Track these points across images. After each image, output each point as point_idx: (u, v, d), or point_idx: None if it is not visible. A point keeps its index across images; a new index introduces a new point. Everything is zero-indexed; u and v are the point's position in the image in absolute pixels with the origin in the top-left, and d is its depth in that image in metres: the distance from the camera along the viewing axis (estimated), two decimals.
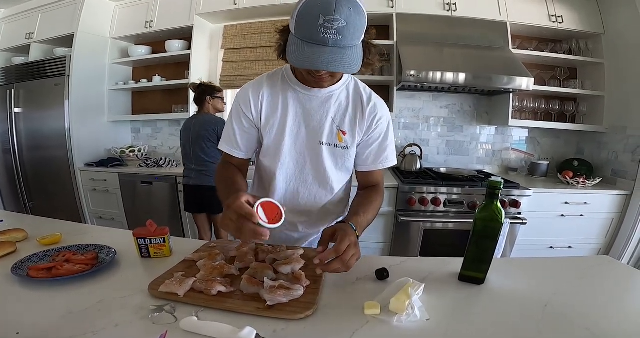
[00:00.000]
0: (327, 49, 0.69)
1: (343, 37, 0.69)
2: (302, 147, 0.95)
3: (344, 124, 0.94)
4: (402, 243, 2.26)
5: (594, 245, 2.35)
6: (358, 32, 0.71)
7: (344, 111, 0.94)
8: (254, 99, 0.93)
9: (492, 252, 0.76)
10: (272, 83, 0.95)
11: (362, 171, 1.02)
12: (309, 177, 0.99)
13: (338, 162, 0.98)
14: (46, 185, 2.99)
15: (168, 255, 0.90)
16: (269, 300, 0.61)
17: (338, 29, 0.68)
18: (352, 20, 0.68)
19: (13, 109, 2.89)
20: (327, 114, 0.93)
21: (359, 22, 0.70)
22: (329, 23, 0.67)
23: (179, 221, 2.62)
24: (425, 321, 0.61)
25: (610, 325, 0.62)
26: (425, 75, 2.22)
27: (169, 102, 3.05)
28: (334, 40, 0.68)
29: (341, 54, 0.70)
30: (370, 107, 0.94)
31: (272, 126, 0.94)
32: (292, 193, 1.01)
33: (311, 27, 0.68)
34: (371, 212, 0.91)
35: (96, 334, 0.56)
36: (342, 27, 0.68)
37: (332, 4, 0.66)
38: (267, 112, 0.94)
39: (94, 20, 2.83)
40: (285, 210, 0.72)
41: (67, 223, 1.21)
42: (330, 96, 0.93)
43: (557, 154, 2.83)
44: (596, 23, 2.47)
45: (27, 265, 0.79)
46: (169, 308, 0.62)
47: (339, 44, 0.69)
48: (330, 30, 0.67)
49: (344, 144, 0.95)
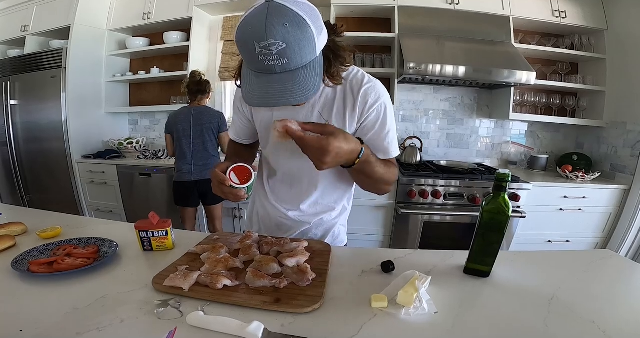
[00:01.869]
0: (275, 77, 0.62)
1: (289, 60, 0.60)
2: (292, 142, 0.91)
3: (331, 115, 0.86)
4: (402, 236, 2.27)
5: (591, 239, 2.37)
6: (305, 48, 0.61)
7: (331, 102, 0.86)
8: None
9: (499, 245, 0.76)
10: None
11: None
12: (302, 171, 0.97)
13: None
14: (43, 177, 2.97)
15: (171, 248, 0.89)
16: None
17: (279, 53, 0.59)
18: (292, 38, 0.58)
19: (9, 101, 2.85)
20: (314, 108, 0.87)
21: (302, 37, 0.59)
22: (265, 49, 0.58)
23: (178, 213, 2.60)
24: (434, 314, 0.60)
25: (616, 317, 0.62)
26: (425, 68, 2.20)
27: (167, 94, 3.03)
28: (280, 65, 0.60)
29: (293, 79, 0.63)
30: (362, 94, 0.84)
31: (262, 120, 0.94)
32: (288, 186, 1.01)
33: (252, 57, 0.61)
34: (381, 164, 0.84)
35: (102, 331, 0.55)
36: (282, 49, 0.58)
37: (261, 27, 0.57)
38: (256, 110, 0.94)
39: (91, 12, 2.79)
40: (255, 169, 0.81)
41: (67, 216, 1.19)
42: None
43: (557, 148, 2.83)
44: (599, 19, 2.46)
45: (27, 259, 0.78)
46: (174, 303, 0.61)
47: (288, 68, 0.61)
48: (271, 57, 0.59)
49: None
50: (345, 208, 1.09)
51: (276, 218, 1.05)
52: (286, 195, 1.03)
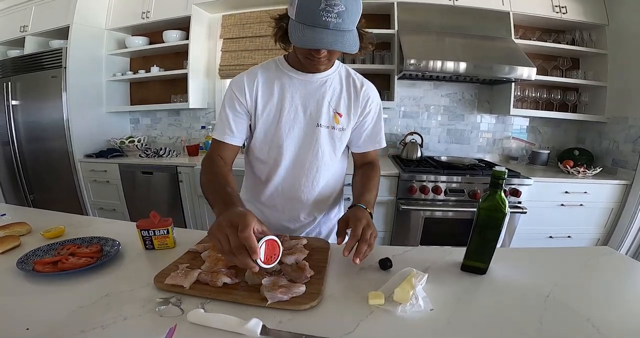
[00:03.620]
0: (328, 32, 0.73)
1: (342, 21, 0.73)
2: (300, 131, 0.97)
3: (339, 106, 0.98)
4: (402, 232, 2.28)
5: (593, 234, 2.37)
6: (355, 16, 0.76)
7: (338, 94, 0.98)
8: (248, 85, 0.95)
9: (495, 242, 0.77)
10: (266, 71, 0.97)
11: (359, 152, 1.08)
12: (307, 162, 1.00)
13: (336, 144, 1.01)
14: (46, 177, 2.98)
15: (172, 246, 0.90)
16: (270, 298, 0.61)
17: (338, 13, 0.71)
18: (350, 5, 0.73)
19: (10, 101, 2.86)
20: (323, 97, 0.96)
21: (356, 8, 0.75)
22: (330, 7, 0.71)
23: (180, 211, 2.63)
24: (429, 311, 0.61)
25: (611, 315, 0.63)
26: (426, 64, 2.20)
27: (168, 92, 3.03)
28: (335, 23, 0.72)
29: (341, 36, 0.75)
30: (364, 90, 0.99)
31: (270, 112, 0.96)
32: (291, 180, 1.02)
33: (313, 12, 0.72)
34: (373, 188, 0.98)
35: (105, 328, 0.56)
36: (341, 11, 0.72)
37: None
38: (263, 98, 0.95)
39: (89, 11, 2.77)
40: (282, 251, 0.68)
41: (70, 215, 1.21)
42: (324, 81, 0.97)
43: (558, 143, 2.82)
44: (600, 14, 2.44)
45: (32, 259, 0.80)
46: (175, 301, 0.63)
47: (339, 27, 0.73)
48: (330, 14, 0.71)
49: (340, 126, 0.99)
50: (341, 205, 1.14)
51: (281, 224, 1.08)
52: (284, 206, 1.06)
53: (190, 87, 2.73)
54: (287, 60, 0.97)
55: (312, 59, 0.84)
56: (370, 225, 0.78)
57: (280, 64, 0.97)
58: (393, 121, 2.83)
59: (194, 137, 3.12)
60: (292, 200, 1.04)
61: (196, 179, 2.45)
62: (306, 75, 0.95)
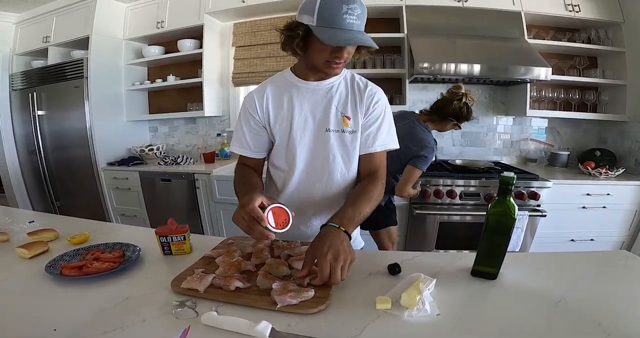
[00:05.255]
0: (353, 32, 0.82)
1: (361, 22, 0.83)
2: (311, 137, 1.00)
3: (347, 109, 1.00)
4: (417, 237, 2.26)
5: (617, 237, 2.28)
6: (365, 18, 0.85)
7: (345, 99, 1.01)
8: (258, 100, 1.00)
9: (505, 247, 0.77)
10: (274, 84, 1.03)
11: (362, 154, 1.03)
12: (320, 167, 1.02)
13: (348, 148, 1.01)
14: (71, 184, 3.12)
15: (188, 252, 0.94)
16: (279, 302, 0.63)
17: (357, 15, 0.81)
18: (362, 8, 0.82)
19: (36, 111, 2.99)
20: (331, 102, 0.99)
21: (366, 11, 0.84)
22: (350, 11, 0.80)
23: (198, 217, 2.69)
24: (436, 316, 0.62)
25: (625, 323, 0.61)
26: (439, 67, 2.19)
27: (184, 101, 3.12)
28: (356, 24, 0.81)
29: (362, 35, 0.84)
30: (368, 91, 1.01)
31: (282, 122, 1.00)
32: (305, 186, 1.04)
33: (337, 15, 0.80)
34: (363, 203, 0.89)
35: (125, 330, 0.60)
36: (359, 13, 0.81)
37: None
38: (275, 110, 1.00)
39: (107, 22, 2.88)
40: (293, 216, 0.78)
41: (94, 222, 1.27)
42: (330, 87, 1.01)
43: (578, 144, 2.74)
44: (615, 11, 2.38)
45: (59, 263, 0.85)
46: (191, 304, 0.66)
47: (359, 28, 0.83)
48: (352, 16, 0.80)
49: (350, 129, 1.00)
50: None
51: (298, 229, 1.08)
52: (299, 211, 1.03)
53: (205, 95, 2.81)
54: (295, 71, 1.02)
55: (333, 60, 0.88)
56: (337, 256, 0.70)
57: (288, 76, 1.02)
58: None
59: (210, 144, 3.20)
60: (308, 205, 1.06)
61: (213, 186, 2.51)
62: (312, 84, 1.00)
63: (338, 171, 1.02)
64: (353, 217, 0.84)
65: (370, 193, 0.94)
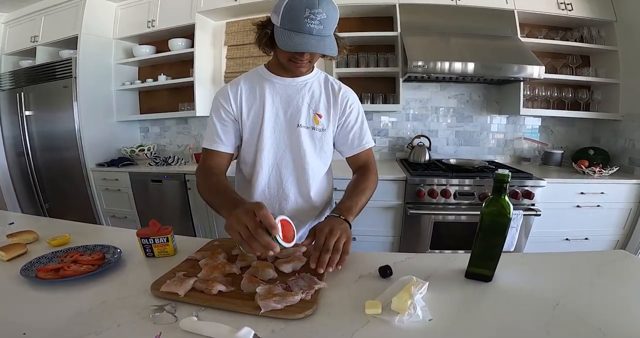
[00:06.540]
0: (311, 37, 0.81)
1: (324, 27, 0.81)
2: (281, 131, 1.02)
3: (319, 108, 1.03)
4: (411, 237, 2.23)
5: (611, 236, 2.28)
6: (334, 23, 0.84)
7: (317, 97, 1.03)
8: (232, 93, 1.01)
9: (501, 247, 0.74)
10: (248, 79, 1.04)
11: (351, 155, 1.11)
12: (289, 163, 1.04)
13: (316, 144, 1.04)
14: (61, 186, 3.05)
15: (172, 254, 0.90)
16: (263, 307, 0.60)
17: (320, 20, 0.80)
18: (330, 13, 0.81)
19: (24, 112, 2.93)
20: (303, 99, 1.02)
21: (335, 15, 0.83)
22: (313, 15, 0.79)
23: (189, 219, 2.65)
24: (428, 321, 0.59)
25: (623, 324, 0.59)
26: (433, 66, 2.17)
27: (176, 101, 3.07)
28: (317, 29, 0.80)
29: (322, 41, 0.83)
30: (342, 93, 1.05)
31: (253, 116, 1.01)
32: (276, 181, 1.05)
33: (298, 19, 0.79)
34: (359, 194, 0.98)
35: (99, 334, 0.57)
36: (323, 18, 0.80)
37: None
38: (247, 104, 1.01)
39: (97, 21, 2.83)
40: (296, 232, 0.77)
41: (78, 224, 1.23)
42: (304, 84, 1.03)
43: (572, 143, 2.74)
44: (607, 10, 2.38)
45: (35, 266, 0.81)
46: (170, 308, 0.62)
47: (321, 33, 0.81)
48: (314, 21, 0.79)
49: (320, 126, 1.03)
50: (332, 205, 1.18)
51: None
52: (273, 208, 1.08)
53: (197, 95, 2.76)
54: (268, 67, 1.04)
55: (296, 61, 0.90)
56: (334, 232, 0.78)
57: (262, 71, 1.04)
58: (400, 124, 2.80)
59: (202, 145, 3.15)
60: (282, 200, 1.07)
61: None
62: (286, 80, 1.02)
63: (310, 167, 1.04)
64: (351, 207, 0.91)
65: (363, 185, 1.01)
